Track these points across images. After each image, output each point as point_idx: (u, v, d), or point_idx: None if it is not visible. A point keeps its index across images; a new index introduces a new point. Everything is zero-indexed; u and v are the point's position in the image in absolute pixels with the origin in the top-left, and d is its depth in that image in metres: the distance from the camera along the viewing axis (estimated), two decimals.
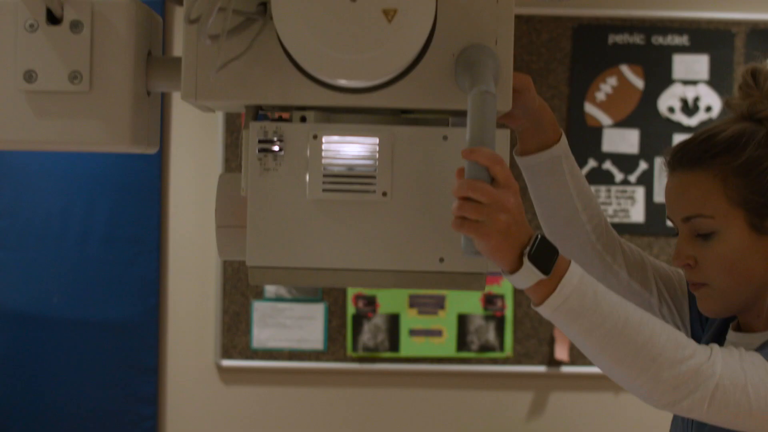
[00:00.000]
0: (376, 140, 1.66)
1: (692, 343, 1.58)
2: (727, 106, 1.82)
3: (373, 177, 1.66)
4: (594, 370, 4.80)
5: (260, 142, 1.67)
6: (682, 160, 1.77)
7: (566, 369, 4.85)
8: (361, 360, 4.84)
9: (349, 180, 1.66)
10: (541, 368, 4.85)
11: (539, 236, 1.54)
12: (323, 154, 1.66)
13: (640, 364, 1.55)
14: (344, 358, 4.84)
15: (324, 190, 1.66)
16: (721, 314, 1.79)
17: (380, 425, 4.90)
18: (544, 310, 1.55)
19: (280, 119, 1.72)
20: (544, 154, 1.87)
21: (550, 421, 4.90)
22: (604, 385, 4.87)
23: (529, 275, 1.53)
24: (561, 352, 4.80)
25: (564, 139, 1.89)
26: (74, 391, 4.80)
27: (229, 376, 4.88)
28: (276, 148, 1.67)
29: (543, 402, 4.90)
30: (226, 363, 4.84)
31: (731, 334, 1.81)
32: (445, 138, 1.66)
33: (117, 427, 4.82)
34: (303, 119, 1.69)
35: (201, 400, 4.89)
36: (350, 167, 1.66)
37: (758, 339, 1.74)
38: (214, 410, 4.89)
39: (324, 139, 1.65)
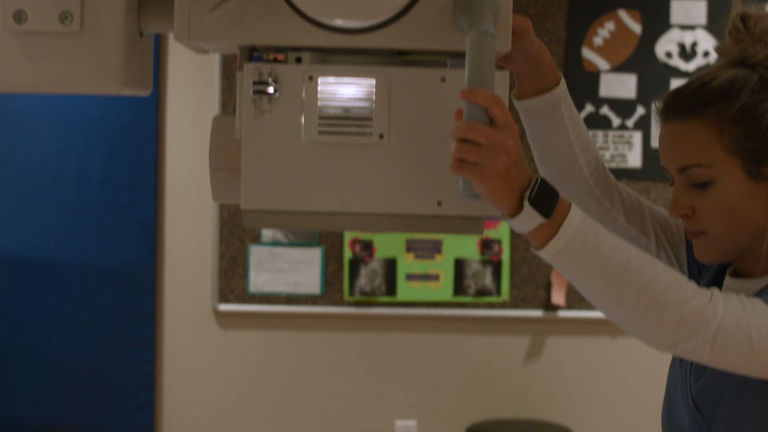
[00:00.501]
0: (373, 81, 1.63)
1: (693, 284, 1.57)
2: (718, 52, 1.80)
3: (370, 119, 1.64)
4: (590, 314, 4.83)
5: (255, 83, 1.64)
6: (675, 109, 1.75)
7: (563, 313, 4.85)
8: (357, 304, 4.84)
9: (345, 122, 1.64)
10: (537, 313, 4.86)
11: (539, 179, 1.52)
12: (319, 95, 1.63)
13: (642, 305, 1.54)
14: (341, 303, 4.84)
15: (320, 133, 1.64)
16: (718, 261, 1.78)
17: (377, 369, 4.91)
18: (546, 254, 1.53)
19: (275, 61, 1.69)
20: (543, 97, 1.85)
21: (547, 365, 4.92)
22: (600, 329, 4.88)
23: (529, 219, 1.51)
24: (557, 297, 4.81)
25: (563, 83, 1.87)
26: (72, 336, 4.81)
27: (226, 320, 4.89)
28: (271, 89, 1.65)
29: (539, 346, 4.91)
30: (223, 307, 4.84)
31: (728, 280, 1.80)
32: (443, 79, 1.64)
33: (115, 372, 4.84)
34: (298, 60, 1.67)
35: (198, 345, 4.90)
36: (346, 109, 1.63)
37: (756, 285, 1.73)
38: (211, 354, 4.90)
39: (320, 80, 1.63)
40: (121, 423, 4.84)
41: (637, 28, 4.79)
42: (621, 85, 4.79)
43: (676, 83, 4.74)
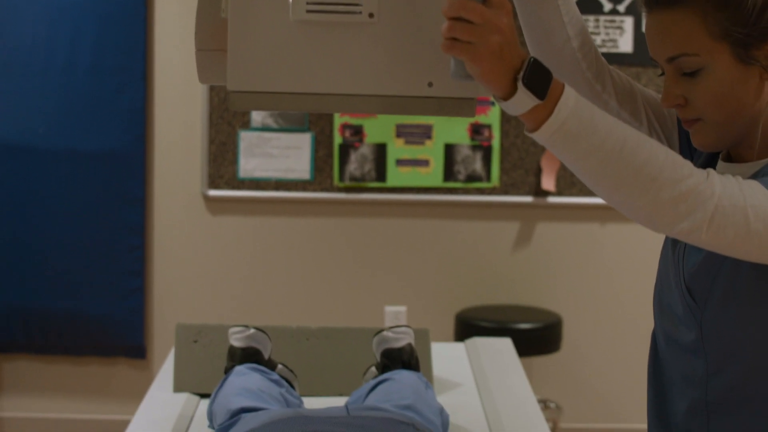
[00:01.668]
0: None
1: (689, 163, 1.56)
2: None
3: None
4: (580, 200, 4.83)
5: None
6: None
7: (552, 199, 4.86)
8: (347, 190, 4.84)
9: (334, 0, 1.61)
10: (527, 198, 4.86)
11: (532, 59, 1.49)
12: None
13: (639, 184, 1.52)
14: (331, 188, 4.84)
15: (308, 11, 1.61)
16: (715, 148, 1.77)
17: (366, 255, 4.93)
18: (540, 136, 1.52)
19: None
20: None
21: (536, 251, 4.94)
22: (590, 215, 4.89)
23: (523, 100, 1.49)
24: (547, 183, 4.81)
25: None
26: (61, 222, 4.81)
27: (215, 206, 4.89)
28: None
29: (529, 232, 4.93)
30: (213, 193, 4.84)
31: (721, 165, 1.80)
32: None
33: (105, 258, 4.85)
34: None
35: (188, 230, 4.90)
36: None
37: (750, 168, 1.72)
38: (201, 240, 4.91)
39: None
40: (112, 308, 4.87)
41: None
42: None
43: None
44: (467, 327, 4.61)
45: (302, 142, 4.82)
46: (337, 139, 4.80)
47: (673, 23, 1.70)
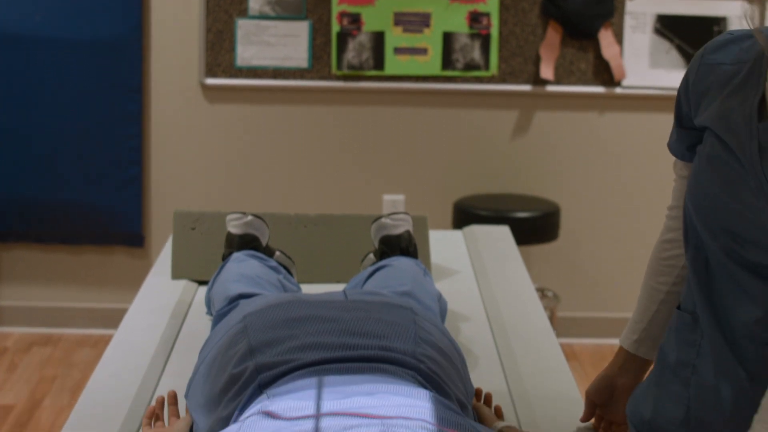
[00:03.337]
0: None
1: None
2: None
3: None
4: (579, 89, 4.83)
5: None
6: None
7: (551, 88, 4.83)
8: (345, 78, 4.81)
9: None
10: (526, 87, 4.84)
11: None
12: None
13: None
14: (328, 77, 4.81)
15: None
16: None
17: (364, 143, 4.92)
18: None
19: None
20: None
21: (535, 140, 4.93)
22: (588, 104, 4.87)
23: None
24: (546, 71, 4.78)
25: None
26: (59, 111, 4.79)
27: (213, 94, 4.87)
28: None
29: (527, 121, 4.91)
30: (210, 81, 4.81)
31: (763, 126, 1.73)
32: None
33: (102, 147, 4.84)
34: None
35: (185, 119, 4.89)
36: None
37: None
38: (198, 129, 4.89)
39: None
40: (110, 197, 4.87)
41: None
42: None
43: None
44: (465, 216, 4.62)
45: (300, 30, 4.77)
46: (335, 27, 4.75)
47: None
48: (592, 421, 2.27)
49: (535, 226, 4.69)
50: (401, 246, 2.88)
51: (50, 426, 4.10)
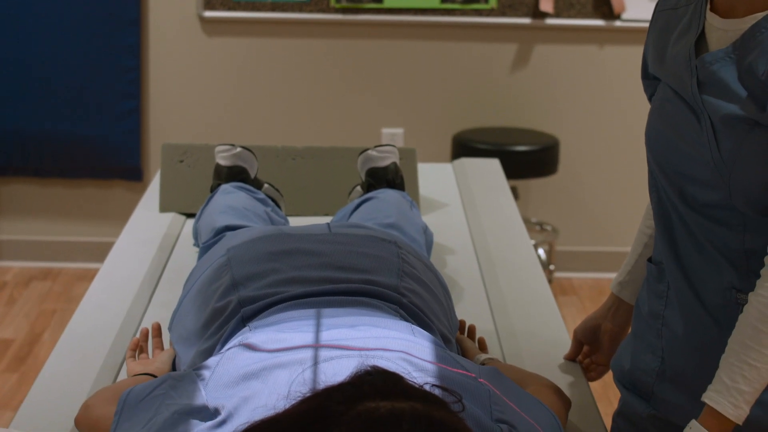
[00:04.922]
0: None
1: None
2: None
3: None
4: (578, 22, 4.79)
5: None
6: None
7: (551, 21, 4.79)
8: (344, 11, 4.78)
9: None
10: (525, 20, 4.80)
11: None
12: None
13: None
14: (327, 9, 4.78)
15: None
16: None
17: (363, 77, 4.90)
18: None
19: None
20: None
21: (534, 73, 4.90)
22: (588, 37, 4.83)
23: None
24: (545, 4, 4.73)
25: None
26: (57, 44, 4.78)
27: (211, 27, 4.84)
28: None
29: (527, 54, 4.88)
30: (209, 14, 4.79)
31: (709, 16, 1.73)
32: None
33: (100, 79, 4.83)
34: None
35: (184, 52, 4.86)
36: None
37: (741, 24, 1.66)
38: (196, 62, 4.87)
39: None
40: (108, 130, 4.87)
41: None
42: None
43: None
44: (464, 149, 4.60)
45: None
46: None
47: None
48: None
49: (534, 160, 4.68)
50: (387, 178, 2.87)
51: None
